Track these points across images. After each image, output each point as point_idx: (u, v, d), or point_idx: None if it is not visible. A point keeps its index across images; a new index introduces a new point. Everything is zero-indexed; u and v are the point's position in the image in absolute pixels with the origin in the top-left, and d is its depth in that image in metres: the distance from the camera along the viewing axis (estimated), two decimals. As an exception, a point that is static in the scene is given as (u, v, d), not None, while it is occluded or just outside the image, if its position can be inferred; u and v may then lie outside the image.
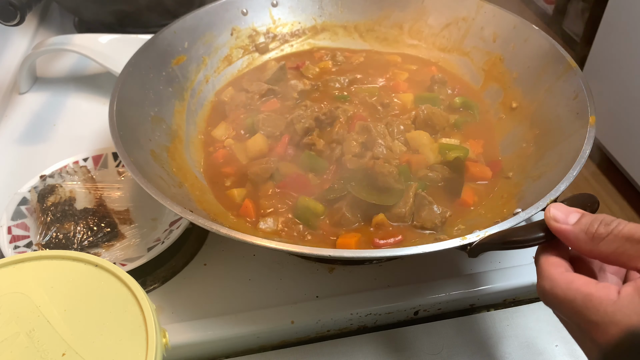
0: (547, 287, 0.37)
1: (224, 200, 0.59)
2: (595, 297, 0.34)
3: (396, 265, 0.59)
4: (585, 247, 0.37)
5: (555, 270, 0.37)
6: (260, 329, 0.54)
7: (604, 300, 0.33)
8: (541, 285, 0.37)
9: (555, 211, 0.39)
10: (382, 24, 0.80)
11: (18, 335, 0.39)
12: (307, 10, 0.80)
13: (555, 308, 0.37)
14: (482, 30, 0.74)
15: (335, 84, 0.74)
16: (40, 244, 0.58)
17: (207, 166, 0.64)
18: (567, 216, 0.38)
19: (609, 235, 0.35)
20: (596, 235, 0.36)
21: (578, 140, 0.54)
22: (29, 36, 0.97)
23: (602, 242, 0.36)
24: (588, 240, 0.36)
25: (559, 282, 0.36)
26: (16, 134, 0.78)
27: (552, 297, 0.36)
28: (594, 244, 0.36)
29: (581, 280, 0.35)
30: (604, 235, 0.36)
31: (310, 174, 0.60)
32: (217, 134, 0.67)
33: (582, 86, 0.59)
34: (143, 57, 0.64)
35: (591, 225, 0.37)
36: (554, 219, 0.39)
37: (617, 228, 0.35)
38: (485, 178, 0.61)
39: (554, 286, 0.36)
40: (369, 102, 0.69)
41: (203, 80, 0.72)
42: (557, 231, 0.38)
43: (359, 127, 0.63)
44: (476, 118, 0.69)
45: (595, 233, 0.36)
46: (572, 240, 0.37)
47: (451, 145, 0.63)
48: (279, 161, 0.61)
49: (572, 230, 0.37)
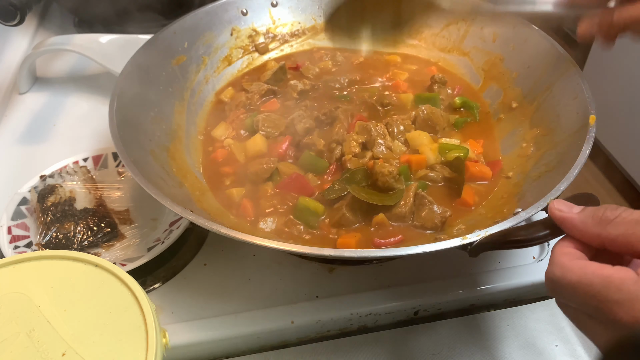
0: (558, 273, 0.36)
1: (224, 200, 0.59)
2: (615, 277, 0.33)
3: (396, 265, 0.59)
4: (592, 230, 0.36)
5: (567, 257, 0.37)
6: (260, 329, 0.54)
7: (626, 280, 0.33)
8: (551, 272, 0.37)
9: (559, 204, 0.39)
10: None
11: (18, 335, 0.39)
12: (307, 10, 0.80)
13: (566, 294, 0.36)
14: (482, 30, 0.74)
15: (335, 84, 0.74)
16: (40, 244, 0.58)
17: (206, 166, 0.64)
18: (570, 208, 0.39)
19: (616, 218, 0.35)
20: (603, 217, 0.36)
21: (578, 140, 0.54)
22: (29, 36, 0.97)
23: (610, 224, 0.36)
24: (595, 224, 0.36)
25: (572, 267, 0.36)
26: (16, 134, 0.78)
27: (563, 283, 0.36)
28: (601, 227, 0.36)
29: (594, 265, 0.35)
30: (612, 218, 0.35)
31: (310, 174, 0.60)
32: (217, 134, 0.67)
33: (582, 86, 0.59)
34: (143, 57, 0.64)
35: (597, 210, 0.37)
36: (559, 210, 0.39)
37: (624, 212, 0.35)
38: (485, 178, 0.61)
39: (566, 272, 0.36)
40: (369, 102, 0.69)
41: (203, 81, 0.72)
42: (562, 219, 0.38)
43: (359, 127, 0.63)
44: (476, 118, 0.69)
45: (603, 216, 0.36)
46: (578, 226, 0.37)
47: (451, 145, 0.63)
48: (278, 161, 0.61)
49: (578, 216, 0.37)
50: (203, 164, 0.64)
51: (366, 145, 0.61)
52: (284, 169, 0.61)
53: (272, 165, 0.60)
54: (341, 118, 0.65)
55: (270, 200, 0.58)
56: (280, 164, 0.61)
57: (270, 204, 0.58)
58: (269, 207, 0.57)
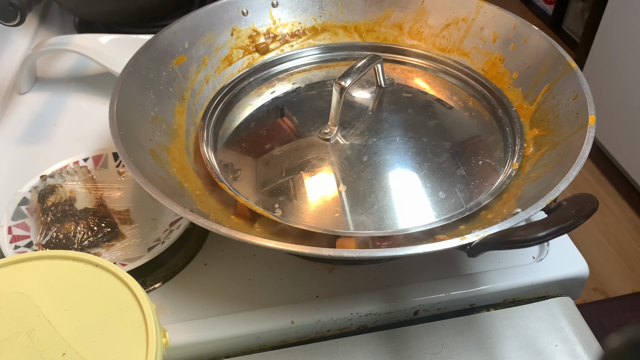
0: None
1: (223, 200, 0.59)
2: None
3: (396, 265, 0.60)
4: None
5: None
6: (260, 328, 0.54)
7: None
8: None
9: None
10: (382, 24, 0.80)
11: (18, 335, 0.39)
12: (307, 10, 0.80)
13: None
14: (482, 31, 0.74)
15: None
16: (40, 244, 0.58)
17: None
18: None
19: None
20: None
21: (578, 140, 0.54)
22: (29, 36, 0.97)
23: None
24: None
25: None
26: (16, 134, 0.78)
27: None
28: None
29: None
30: None
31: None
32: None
33: (582, 86, 0.59)
34: (143, 57, 0.64)
35: None
36: None
37: None
38: (485, 178, 0.61)
39: None
40: (369, 102, 0.69)
41: (203, 81, 0.72)
42: None
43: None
44: (476, 118, 0.69)
45: None
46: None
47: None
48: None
49: None
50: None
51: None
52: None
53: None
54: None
55: (270, 200, 0.58)
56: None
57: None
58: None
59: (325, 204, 0.55)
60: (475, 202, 0.55)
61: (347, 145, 0.59)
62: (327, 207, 0.54)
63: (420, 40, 0.80)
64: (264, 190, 0.57)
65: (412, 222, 0.53)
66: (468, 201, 0.55)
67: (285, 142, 0.62)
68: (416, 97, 0.69)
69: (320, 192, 0.56)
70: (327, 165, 0.58)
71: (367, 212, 0.54)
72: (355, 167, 0.57)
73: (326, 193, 0.56)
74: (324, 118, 0.61)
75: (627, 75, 1.77)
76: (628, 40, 1.74)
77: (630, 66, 1.75)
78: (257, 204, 0.55)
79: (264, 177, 0.58)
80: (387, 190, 0.55)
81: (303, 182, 0.57)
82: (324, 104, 0.65)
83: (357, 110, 0.65)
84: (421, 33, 0.80)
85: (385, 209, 0.54)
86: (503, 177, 0.57)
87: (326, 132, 0.60)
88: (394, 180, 0.57)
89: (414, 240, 0.52)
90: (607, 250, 1.79)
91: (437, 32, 0.79)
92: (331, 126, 0.60)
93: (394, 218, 0.54)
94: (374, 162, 0.58)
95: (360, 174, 0.57)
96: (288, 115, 0.66)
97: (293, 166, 0.58)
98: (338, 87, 0.58)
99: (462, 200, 0.55)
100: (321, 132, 0.60)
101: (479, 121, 0.66)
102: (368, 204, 0.54)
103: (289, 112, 0.67)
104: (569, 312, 0.57)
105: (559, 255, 0.61)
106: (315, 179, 0.57)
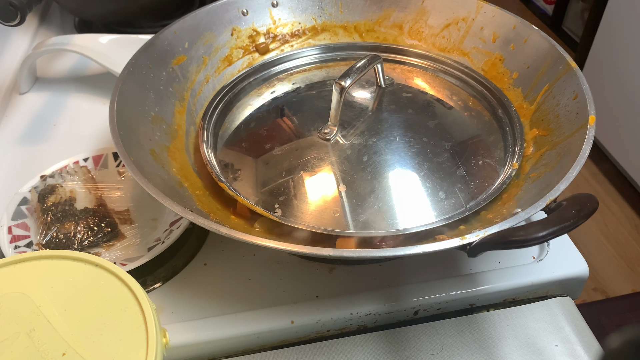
0: None
1: (223, 200, 0.59)
2: None
3: (396, 265, 0.60)
4: None
5: None
6: (260, 329, 0.54)
7: None
8: None
9: None
10: (382, 24, 0.80)
11: (18, 335, 0.39)
12: (307, 10, 0.80)
13: None
14: (482, 31, 0.74)
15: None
16: (40, 243, 0.58)
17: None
18: None
19: None
20: None
21: (578, 140, 0.54)
22: (29, 36, 0.97)
23: None
24: None
25: None
26: (16, 134, 0.78)
27: None
28: None
29: None
30: None
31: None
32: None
33: (582, 86, 0.59)
34: (143, 57, 0.64)
35: None
36: None
37: None
38: (485, 178, 0.61)
39: None
40: (369, 102, 0.69)
41: (203, 80, 0.72)
42: None
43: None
44: (476, 118, 0.69)
45: None
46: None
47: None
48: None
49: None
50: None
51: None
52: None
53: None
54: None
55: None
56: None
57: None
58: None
59: (325, 204, 0.55)
60: (475, 202, 0.55)
61: (347, 145, 0.60)
62: (327, 207, 0.54)
63: (420, 40, 0.80)
64: (264, 190, 0.57)
65: (412, 222, 0.53)
66: (468, 201, 0.55)
67: (285, 142, 0.62)
68: (416, 97, 0.69)
69: (320, 192, 0.56)
70: (327, 165, 0.58)
71: (367, 212, 0.54)
72: (355, 167, 0.57)
73: (326, 193, 0.56)
74: (324, 118, 0.61)
75: (627, 75, 1.77)
76: (628, 40, 1.74)
77: (630, 66, 1.75)
78: (257, 204, 0.55)
79: (264, 177, 0.58)
80: (387, 190, 0.55)
81: (303, 182, 0.57)
82: (324, 104, 0.65)
83: (357, 110, 0.65)
84: (421, 33, 0.80)
85: (385, 209, 0.54)
86: (503, 177, 0.57)
87: (326, 132, 0.60)
88: (394, 180, 0.57)
89: (414, 240, 0.52)
90: (607, 250, 1.79)
91: (437, 32, 0.79)
92: (331, 126, 0.60)
93: (394, 218, 0.54)
94: (374, 162, 0.58)
95: (360, 174, 0.57)
96: (288, 115, 0.66)
97: (293, 166, 0.58)
98: (338, 87, 0.58)
99: (462, 200, 0.55)
100: (321, 132, 0.60)
101: (479, 121, 0.66)
102: (368, 204, 0.54)
103: (289, 112, 0.67)
104: (569, 312, 0.57)
105: (559, 255, 0.61)
106: (315, 179, 0.57)
